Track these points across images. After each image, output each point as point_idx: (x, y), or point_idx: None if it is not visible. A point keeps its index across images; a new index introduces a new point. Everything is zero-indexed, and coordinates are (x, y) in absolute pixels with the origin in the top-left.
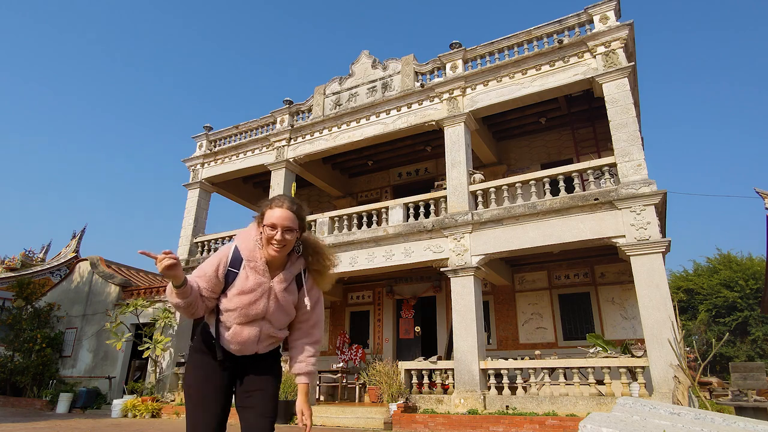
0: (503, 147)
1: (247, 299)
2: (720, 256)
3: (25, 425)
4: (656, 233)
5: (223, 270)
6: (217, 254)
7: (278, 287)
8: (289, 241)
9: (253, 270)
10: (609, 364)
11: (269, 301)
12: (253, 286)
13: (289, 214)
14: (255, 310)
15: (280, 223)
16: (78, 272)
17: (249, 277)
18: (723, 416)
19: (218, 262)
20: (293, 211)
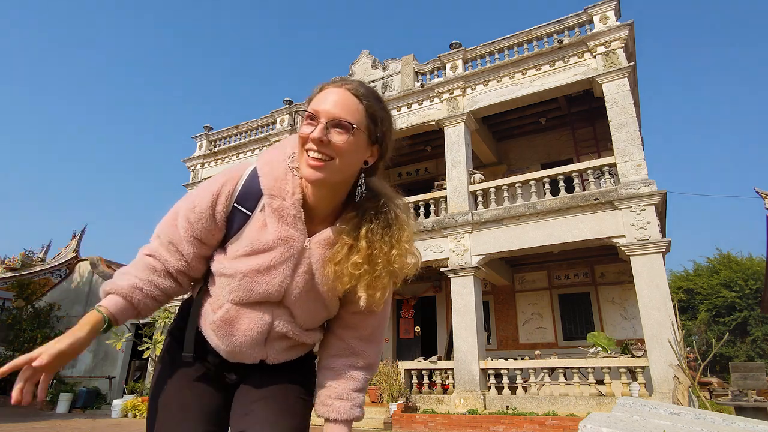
0: (503, 147)
1: (258, 262)
2: (720, 256)
3: (25, 425)
4: (656, 233)
5: (225, 205)
6: (219, 177)
7: (317, 253)
8: (342, 153)
9: (276, 213)
10: (609, 364)
11: (295, 275)
12: (273, 242)
13: (349, 99)
14: (266, 285)
15: (324, 110)
16: (78, 272)
17: (268, 226)
18: (723, 416)
19: (217, 191)
20: (359, 95)
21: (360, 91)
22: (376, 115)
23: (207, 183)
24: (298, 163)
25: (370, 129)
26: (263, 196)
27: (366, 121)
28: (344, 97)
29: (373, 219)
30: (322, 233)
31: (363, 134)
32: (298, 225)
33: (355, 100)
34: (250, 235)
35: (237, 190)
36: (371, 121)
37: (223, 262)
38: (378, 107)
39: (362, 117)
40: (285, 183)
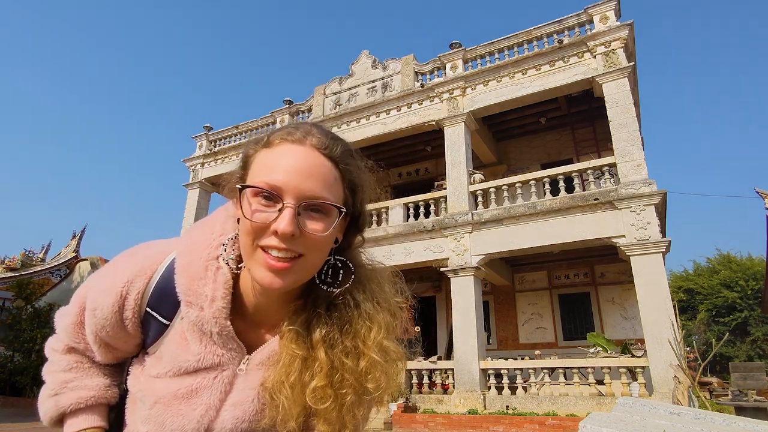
0: (503, 147)
1: (176, 386)
2: (720, 256)
3: (25, 425)
4: (656, 233)
5: (134, 310)
6: (128, 267)
7: (256, 377)
8: (317, 246)
9: (194, 327)
10: (609, 364)
11: (222, 408)
12: (195, 365)
13: (321, 164)
14: (181, 419)
15: (292, 186)
16: (78, 272)
17: (188, 342)
18: (723, 416)
19: (124, 290)
20: (333, 156)
21: (334, 150)
22: (355, 181)
23: (112, 271)
24: (244, 260)
25: (348, 202)
26: (181, 299)
27: (344, 194)
28: (314, 162)
29: (324, 315)
30: (265, 348)
31: (338, 208)
32: (228, 344)
33: (329, 164)
34: (169, 350)
35: (149, 291)
36: (350, 191)
37: (139, 378)
38: (356, 168)
39: (340, 189)
40: (204, 284)
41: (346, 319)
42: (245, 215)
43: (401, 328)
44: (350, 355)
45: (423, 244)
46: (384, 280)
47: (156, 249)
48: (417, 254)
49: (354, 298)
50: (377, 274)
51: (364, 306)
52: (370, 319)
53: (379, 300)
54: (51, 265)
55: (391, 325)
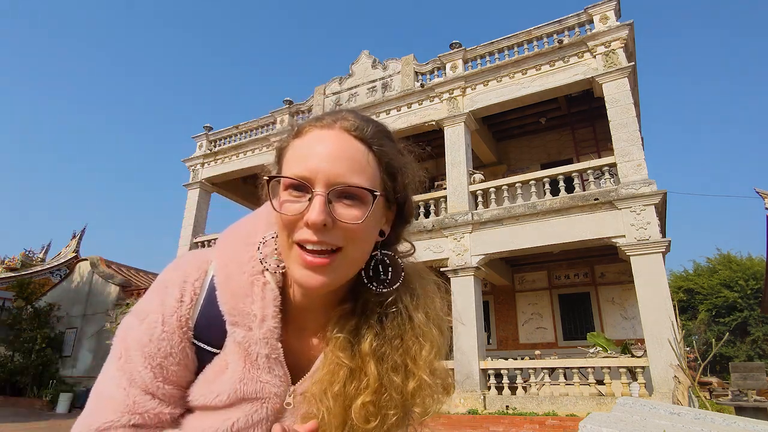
0: (503, 147)
1: (208, 424)
2: (720, 256)
3: (25, 425)
4: (656, 233)
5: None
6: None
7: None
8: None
9: (240, 349)
10: (609, 364)
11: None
12: (230, 396)
13: (353, 147)
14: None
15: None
16: (78, 272)
17: (228, 367)
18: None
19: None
20: (365, 138)
21: (366, 131)
22: (393, 164)
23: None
24: (284, 260)
25: (387, 187)
26: (226, 320)
27: (380, 177)
28: (346, 145)
29: (375, 324)
30: (312, 370)
31: (382, 199)
32: (274, 369)
33: (361, 147)
34: (206, 378)
35: (194, 316)
36: (388, 174)
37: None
38: (393, 150)
39: (375, 172)
40: (251, 302)
41: (397, 332)
42: (276, 209)
43: (447, 348)
44: (399, 372)
45: (423, 244)
46: (430, 285)
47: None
48: (417, 254)
49: (406, 308)
50: (423, 277)
51: (416, 318)
52: (423, 336)
53: (429, 312)
54: (51, 265)
55: (440, 344)
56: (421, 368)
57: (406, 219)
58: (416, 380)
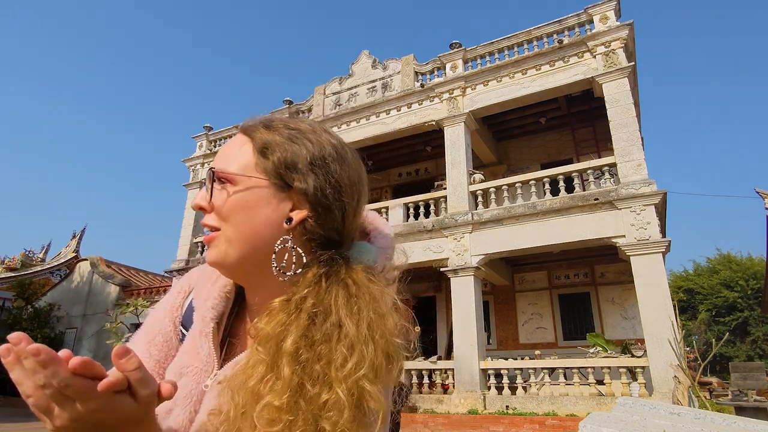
0: (503, 147)
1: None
2: (720, 256)
3: (25, 425)
4: (656, 233)
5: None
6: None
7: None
8: (225, 215)
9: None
10: (609, 364)
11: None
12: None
13: (235, 140)
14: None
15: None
16: (78, 272)
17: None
18: (723, 416)
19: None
20: (245, 129)
21: (248, 123)
22: (272, 144)
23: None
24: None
25: (268, 168)
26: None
27: (256, 160)
28: (231, 141)
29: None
30: (236, 358)
31: (257, 180)
32: (203, 346)
33: (241, 138)
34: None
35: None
36: (263, 156)
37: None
38: (277, 134)
39: (249, 156)
40: (209, 283)
41: (325, 337)
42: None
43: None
44: (316, 382)
45: (423, 244)
46: (384, 302)
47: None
48: (417, 254)
49: (338, 312)
50: (377, 292)
51: (347, 327)
52: (351, 348)
53: (372, 326)
54: (51, 265)
55: (380, 367)
56: (339, 382)
57: (321, 200)
58: (332, 394)
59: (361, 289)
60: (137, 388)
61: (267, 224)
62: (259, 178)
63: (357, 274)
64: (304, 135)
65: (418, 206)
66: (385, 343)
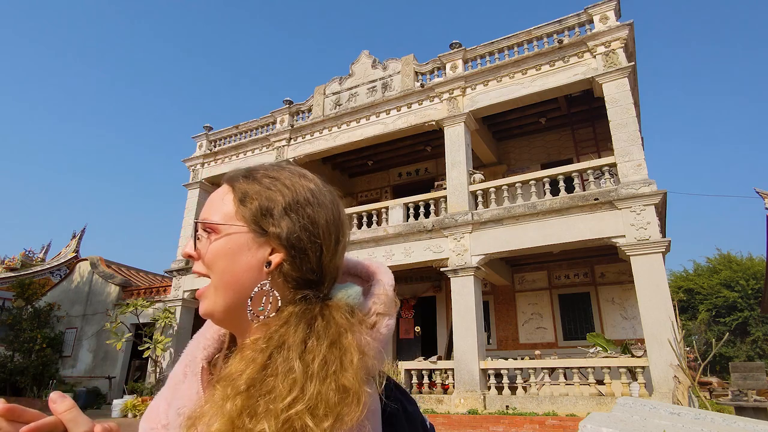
0: (503, 147)
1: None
2: (720, 256)
3: None
4: (656, 233)
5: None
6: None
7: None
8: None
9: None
10: (609, 364)
11: None
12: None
13: (218, 192)
14: None
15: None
16: (78, 272)
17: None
18: (723, 416)
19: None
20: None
21: (231, 174)
22: (250, 193)
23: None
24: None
25: (247, 216)
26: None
27: (236, 208)
28: (216, 192)
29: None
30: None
31: (237, 227)
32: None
33: (225, 188)
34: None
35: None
36: (243, 205)
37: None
38: (252, 181)
39: (230, 205)
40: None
41: (272, 372)
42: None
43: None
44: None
45: (423, 244)
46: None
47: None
48: (417, 254)
49: (290, 350)
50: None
51: (294, 362)
52: (293, 382)
53: (329, 365)
54: (51, 265)
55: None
56: (273, 416)
57: (303, 250)
58: (261, 427)
59: (329, 326)
60: (71, 429)
61: (248, 269)
62: (239, 225)
63: (331, 312)
64: (281, 182)
65: (418, 206)
66: (338, 378)
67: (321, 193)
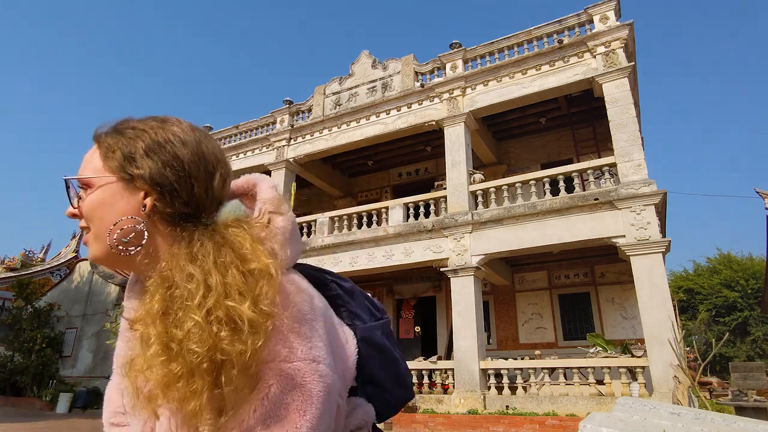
0: (503, 147)
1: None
2: (720, 256)
3: (25, 425)
4: (656, 233)
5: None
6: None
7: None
8: (88, 217)
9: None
10: (609, 364)
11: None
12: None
13: (88, 151)
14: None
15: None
16: (78, 272)
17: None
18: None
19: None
20: (95, 137)
21: (97, 131)
22: (113, 145)
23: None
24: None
25: (113, 167)
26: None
27: (102, 163)
28: (87, 152)
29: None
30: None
31: (106, 178)
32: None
33: (93, 146)
34: None
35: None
36: (107, 157)
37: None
38: (116, 134)
39: (98, 160)
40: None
41: (180, 291)
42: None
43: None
44: (178, 322)
45: (423, 244)
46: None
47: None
48: (417, 254)
49: (186, 267)
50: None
51: (192, 271)
52: (198, 283)
53: (224, 257)
54: (51, 265)
55: (239, 286)
56: (195, 310)
57: (172, 187)
58: (190, 321)
59: (213, 235)
60: None
61: (124, 215)
62: (108, 176)
63: (215, 229)
64: (143, 130)
65: (418, 206)
66: (239, 265)
67: (184, 133)
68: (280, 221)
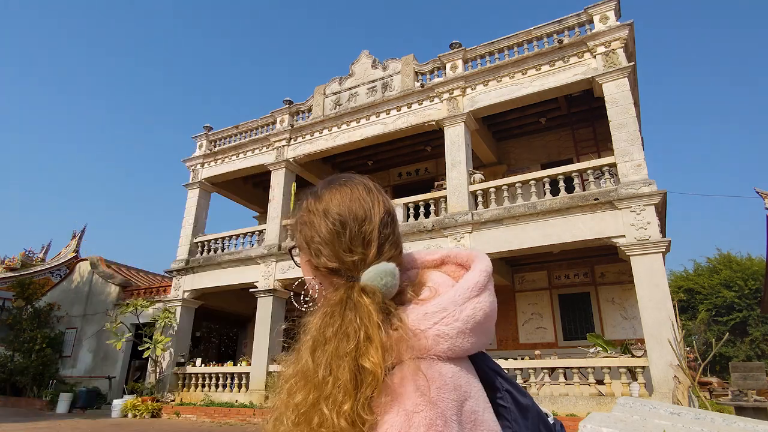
0: (503, 147)
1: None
2: (720, 256)
3: (25, 425)
4: (656, 233)
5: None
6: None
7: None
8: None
9: None
10: (609, 364)
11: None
12: None
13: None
14: None
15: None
16: (78, 272)
17: None
18: (723, 416)
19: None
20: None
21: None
22: (295, 230)
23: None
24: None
25: (300, 246)
26: None
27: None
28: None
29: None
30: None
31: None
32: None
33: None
34: None
35: None
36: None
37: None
38: (298, 222)
39: (300, 239)
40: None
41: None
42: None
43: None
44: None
45: (423, 244)
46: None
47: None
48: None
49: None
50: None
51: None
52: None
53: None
54: (51, 265)
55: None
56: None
57: (317, 251)
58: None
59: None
60: None
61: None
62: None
63: (353, 293)
64: (301, 216)
65: (418, 206)
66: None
67: (317, 215)
68: (471, 307)
